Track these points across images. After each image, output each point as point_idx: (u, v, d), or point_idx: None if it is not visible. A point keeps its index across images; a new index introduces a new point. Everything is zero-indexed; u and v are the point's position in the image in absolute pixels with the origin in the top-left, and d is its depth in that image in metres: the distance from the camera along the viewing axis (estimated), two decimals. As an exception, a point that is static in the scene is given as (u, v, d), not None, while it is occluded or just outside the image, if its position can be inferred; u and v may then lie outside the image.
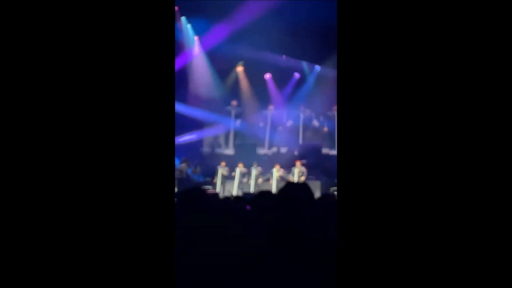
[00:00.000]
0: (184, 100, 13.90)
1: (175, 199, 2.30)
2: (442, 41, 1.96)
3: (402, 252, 1.83)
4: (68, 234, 1.92)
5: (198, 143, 14.71)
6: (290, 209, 1.92)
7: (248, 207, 1.87)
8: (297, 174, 12.31)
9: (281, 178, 12.25)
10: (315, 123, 14.37)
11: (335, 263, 1.81)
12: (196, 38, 14.62)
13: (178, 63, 13.53)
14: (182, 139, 13.71)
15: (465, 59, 1.94)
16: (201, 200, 2.12)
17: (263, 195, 2.54)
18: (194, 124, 14.29)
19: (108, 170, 1.99)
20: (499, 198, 1.82)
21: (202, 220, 1.60)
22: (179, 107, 13.38)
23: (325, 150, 13.83)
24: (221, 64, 14.69)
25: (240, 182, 12.51)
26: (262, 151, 14.22)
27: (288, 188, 2.07)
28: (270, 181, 12.33)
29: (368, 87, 1.97)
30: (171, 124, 2.07)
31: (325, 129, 14.22)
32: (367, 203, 1.88)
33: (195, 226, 1.58)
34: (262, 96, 15.11)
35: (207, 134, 14.66)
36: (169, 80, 2.10)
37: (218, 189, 12.21)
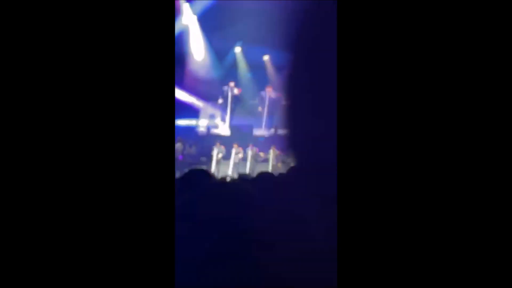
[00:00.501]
0: (181, 81, 13.88)
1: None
2: (442, 41, 1.99)
3: (403, 251, 1.87)
4: (63, 228, 1.95)
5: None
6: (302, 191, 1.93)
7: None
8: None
9: (277, 160, 12.32)
10: None
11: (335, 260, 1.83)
12: (194, 17, 14.55)
13: (177, 43, 13.45)
14: (182, 122, 13.71)
15: (465, 57, 1.96)
16: (206, 183, 2.12)
17: (267, 178, 2.57)
18: (193, 109, 14.29)
19: (105, 162, 2.01)
20: (499, 198, 1.85)
21: (210, 205, 1.63)
22: (177, 93, 13.39)
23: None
24: (219, 45, 14.63)
25: (235, 163, 12.57)
26: (258, 132, 14.23)
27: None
28: (267, 162, 12.41)
29: (368, 86, 1.99)
30: (171, 114, 2.09)
31: None
32: (367, 202, 1.90)
33: (202, 211, 1.61)
34: (260, 78, 15.08)
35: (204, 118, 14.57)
36: (169, 66, 2.11)
37: (213, 169, 12.27)
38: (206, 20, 14.32)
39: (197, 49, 14.63)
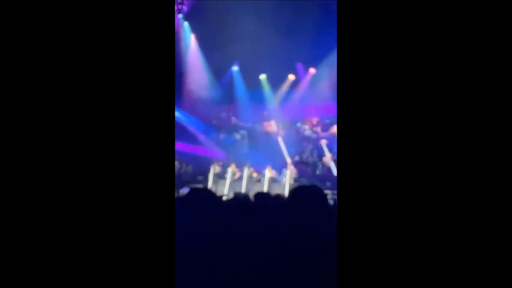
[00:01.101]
0: (179, 101, 13.87)
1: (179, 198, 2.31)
2: (442, 41, 1.97)
3: (402, 252, 1.84)
4: (67, 234, 1.92)
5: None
6: (304, 212, 1.92)
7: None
8: (289, 175, 12.35)
9: (273, 180, 12.30)
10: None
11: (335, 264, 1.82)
12: (192, 36, 14.60)
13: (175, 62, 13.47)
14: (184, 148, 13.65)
15: (465, 58, 1.95)
16: (210, 203, 2.07)
17: (270, 198, 2.55)
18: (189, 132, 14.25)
19: (108, 172, 1.98)
20: (499, 198, 1.83)
21: (216, 223, 1.62)
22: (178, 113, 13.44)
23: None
24: (216, 63, 14.63)
25: (231, 182, 12.52)
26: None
27: (301, 191, 2.07)
28: (262, 182, 12.36)
29: (367, 87, 1.97)
30: (171, 126, 2.06)
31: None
32: (367, 204, 1.88)
33: (208, 228, 1.60)
34: (257, 97, 15.12)
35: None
36: (169, 82, 2.09)
37: (210, 188, 12.18)
38: (204, 39, 14.36)
39: (195, 68, 14.64)
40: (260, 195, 3.25)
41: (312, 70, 15.17)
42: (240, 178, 12.58)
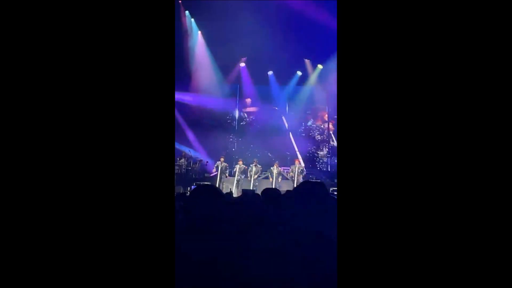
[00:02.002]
0: (188, 97, 13.93)
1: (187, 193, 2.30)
2: (443, 41, 1.97)
3: (402, 252, 1.84)
4: (67, 233, 1.92)
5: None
6: (310, 208, 1.90)
7: None
8: (297, 172, 12.33)
9: (281, 176, 12.31)
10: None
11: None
12: (199, 33, 14.61)
13: (181, 59, 13.53)
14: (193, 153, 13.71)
15: (464, 58, 1.94)
16: (218, 199, 2.05)
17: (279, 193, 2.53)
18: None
19: (108, 169, 1.98)
20: (499, 198, 1.83)
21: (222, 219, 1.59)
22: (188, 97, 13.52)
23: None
24: (223, 60, 14.63)
25: (239, 179, 12.52)
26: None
27: (305, 186, 2.06)
28: (270, 178, 12.36)
29: (368, 87, 1.97)
30: (171, 122, 2.06)
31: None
32: (367, 203, 1.88)
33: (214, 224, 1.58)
34: (264, 93, 15.15)
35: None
36: (169, 79, 2.08)
37: (217, 185, 12.20)
38: (210, 36, 14.36)
39: (203, 65, 14.66)
40: (267, 191, 3.22)
41: (320, 66, 15.17)
42: (248, 174, 12.58)
